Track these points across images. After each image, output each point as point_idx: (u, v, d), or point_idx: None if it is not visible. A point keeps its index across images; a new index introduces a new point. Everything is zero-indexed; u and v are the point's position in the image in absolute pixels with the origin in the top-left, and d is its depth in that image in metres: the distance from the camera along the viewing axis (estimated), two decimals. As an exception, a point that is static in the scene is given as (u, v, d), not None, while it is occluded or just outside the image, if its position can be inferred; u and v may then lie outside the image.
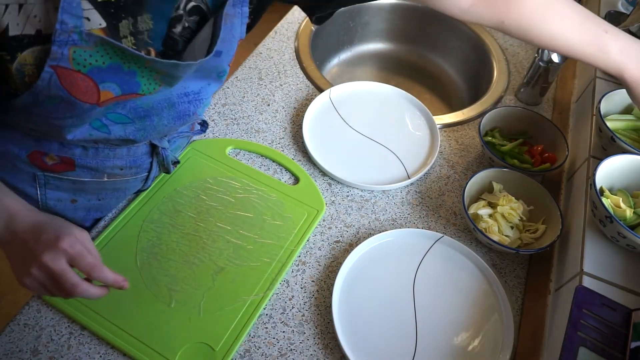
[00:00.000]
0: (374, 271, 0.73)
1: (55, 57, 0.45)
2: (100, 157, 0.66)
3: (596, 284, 0.63)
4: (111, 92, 0.51)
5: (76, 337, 0.64)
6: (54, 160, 0.64)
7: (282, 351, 0.65)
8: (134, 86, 0.53)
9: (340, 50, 1.27)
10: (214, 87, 0.67)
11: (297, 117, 0.95)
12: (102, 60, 0.48)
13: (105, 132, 0.60)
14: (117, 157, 0.67)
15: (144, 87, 0.54)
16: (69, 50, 0.46)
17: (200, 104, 0.66)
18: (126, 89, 0.52)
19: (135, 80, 0.52)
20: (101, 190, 0.71)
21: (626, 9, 1.09)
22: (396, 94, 1.00)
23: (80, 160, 0.65)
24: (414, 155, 0.90)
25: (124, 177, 0.71)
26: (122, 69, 0.50)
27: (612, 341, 0.55)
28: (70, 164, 0.65)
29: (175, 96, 0.62)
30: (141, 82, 0.53)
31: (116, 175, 0.70)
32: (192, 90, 0.64)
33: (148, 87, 0.54)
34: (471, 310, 0.70)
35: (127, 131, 0.61)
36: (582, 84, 1.01)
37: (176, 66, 0.53)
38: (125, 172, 0.70)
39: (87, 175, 0.67)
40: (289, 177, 0.85)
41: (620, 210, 0.67)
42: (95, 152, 0.65)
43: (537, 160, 0.86)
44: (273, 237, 0.75)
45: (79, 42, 0.46)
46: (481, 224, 0.77)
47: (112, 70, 0.50)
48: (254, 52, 1.07)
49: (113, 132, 0.60)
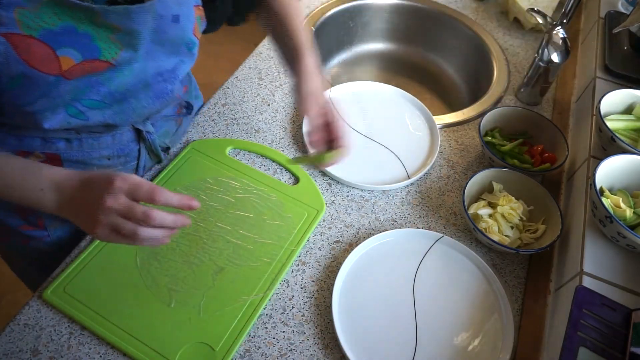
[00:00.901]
0: (374, 271, 0.73)
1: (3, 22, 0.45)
2: (85, 148, 0.65)
3: (596, 284, 0.63)
4: (71, 59, 0.51)
5: (76, 337, 0.64)
6: (39, 158, 0.64)
7: (282, 351, 0.65)
8: (93, 51, 0.52)
9: (340, 50, 1.27)
10: (188, 64, 0.67)
11: (297, 117, 0.95)
12: (52, 22, 0.48)
13: (83, 118, 0.59)
14: (103, 146, 0.67)
15: (105, 51, 0.53)
16: (14, 12, 0.45)
17: (175, 81, 0.66)
18: (86, 54, 0.52)
19: (93, 44, 0.52)
20: None
21: (626, 9, 1.09)
22: (396, 94, 1.00)
23: (65, 155, 0.65)
24: (414, 155, 0.90)
25: (114, 168, 0.71)
26: (76, 30, 0.50)
27: (612, 341, 0.55)
28: (56, 160, 0.65)
29: (150, 76, 0.62)
30: (100, 46, 0.52)
31: (105, 166, 0.69)
32: (166, 69, 0.64)
33: (109, 51, 0.54)
34: (471, 310, 0.70)
35: (105, 115, 0.61)
36: (582, 84, 1.01)
37: (127, 14, 0.52)
38: (113, 162, 0.70)
39: (75, 169, 0.67)
40: (289, 177, 0.85)
41: (620, 210, 0.67)
42: (79, 143, 0.64)
43: (537, 160, 0.86)
44: (273, 237, 0.75)
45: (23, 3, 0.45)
46: (481, 224, 0.77)
47: (65, 33, 0.49)
48: (254, 52, 1.07)
49: (91, 117, 0.60)
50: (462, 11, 1.23)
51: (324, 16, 1.17)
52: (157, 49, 0.61)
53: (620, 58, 0.95)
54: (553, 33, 0.92)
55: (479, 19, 1.22)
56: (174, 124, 0.82)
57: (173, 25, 0.58)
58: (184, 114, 0.83)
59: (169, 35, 0.60)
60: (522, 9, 1.16)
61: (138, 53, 0.58)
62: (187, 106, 0.82)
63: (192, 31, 0.63)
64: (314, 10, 1.18)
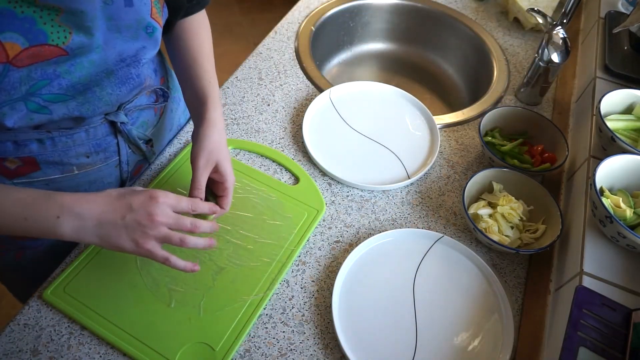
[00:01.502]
0: (374, 271, 0.73)
1: None
2: (60, 147, 0.64)
3: (596, 284, 0.63)
4: (17, 44, 0.50)
5: (76, 337, 0.64)
6: (15, 164, 0.63)
7: (282, 351, 0.65)
8: (39, 35, 0.51)
9: (340, 50, 1.27)
10: (151, 49, 0.65)
11: (297, 117, 0.95)
12: None
13: (47, 113, 0.58)
14: (77, 143, 0.66)
15: (53, 35, 0.52)
16: None
17: (139, 65, 0.65)
18: (32, 39, 0.51)
19: (37, 28, 0.50)
20: (78, 186, 0.70)
21: (626, 9, 1.09)
22: (396, 94, 1.00)
23: (41, 157, 0.64)
24: (414, 155, 0.90)
25: (95, 166, 0.70)
26: (16, 15, 0.48)
27: (612, 341, 0.55)
28: (32, 164, 0.64)
29: (112, 63, 0.61)
30: (46, 30, 0.51)
31: (85, 165, 0.68)
32: (128, 55, 0.62)
33: (58, 35, 0.52)
34: (471, 310, 0.70)
35: (70, 108, 0.60)
36: (582, 84, 1.01)
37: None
38: (93, 160, 0.69)
39: (55, 171, 0.66)
40: (289, 177, 0.85)
41: (620, 210, 0.67)
42: (52, 143, 0.63)
43: (537, 160, 0.87)
44: (273, 237, 0.75)
45: None
46: (481, 224, 0.77)
47: (5, 18, 0.48)
48: (254, 52, 1.07)
49: (54, 111, 0.59)
50: (462, 11, 1.23)
51: (324, 16, 1.17)
52: (116, 36, 0.59)
53: (620, 58, 0.95)
54: (553, 33, 0.92)
55: (479, 19, 1.22)
56: (152, 113, 0.80)
57: (126, 9, 0.57)
58: (161, 102, 0.80)
59: (124, 20, 0.58)
60: (522, 9, 1.16)
61: (94, 39, 0.57)
62: (163, 94, 0.80)
63: (149, 14, 0.61)
64: (314, 10, 1.18)
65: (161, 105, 0.82)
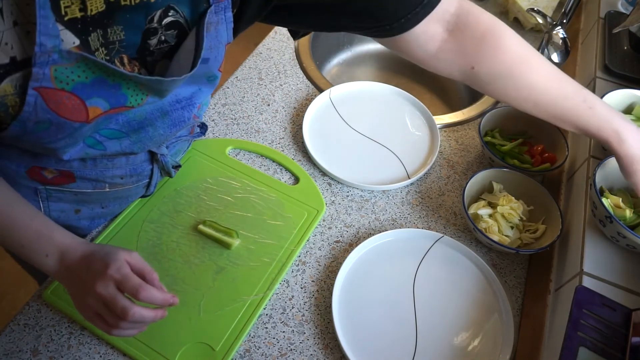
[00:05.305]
0: (374, 271, 0.73)
1: (37, 78, 0.44)
2: (99, 168, 0.65)
3: (596, 284, 0.63)
4: (99, 108, 0.51)
5: (76, 337, 0.64)
6: (53, 174, 0.63)
7: (282, 351, 0.65)
8: (121, 99, 0.52)
9: (340, 50, 1.27)
10: (206, 92, 0.66)
11: (297, 117, 0.95)
12: (85, 75, 0.47)
13: (101, 149, 0.59)
14: (116, 166, 0.67)
15: (131, 98, 0.53)
16: (50, 69, 0.45)
17: (193, 108, 0.65)
18: (114, 102, 0.52)
19: (121, 93, 0.52)
20: (104, 200, 0.71)
21: (626, 9, 1.09)
22: (396, 94, 1.00)
23: (79, 172, 0.64)
24: (414, 155, 0.90)
25: (126, 186, 0.71)
26: (107, 82, 0.49)
27: (612, 341, 0.55)
28: (70, 177, 0.65)
29: (168, 104, 0.62)
30: (127, 94, 0.52)
31: (117, 184, 0.69)
32: (184, 97, 0.63)
33: (135, 98, 0.53)
34: (471, 310, 0.70)
35: (123, 145, 0.61)
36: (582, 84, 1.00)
37: (159, 82, 0.53)
38: (126, 181, 0.70)
39: (88, 186, 0.67)
40: (289, 177, 0.85)
41: (620, 210, 0.67)
42: (93, 163, 0.64)
43: (537, 160, 0.86)
44: (273, 237, 0.75)
45: (60, 61, 0.45)
46: (481, 224, 0.77)
47: (97, 85, 0.49)
48: (254, 52, 1.07)
49: (109, 147, 0.60)
50: (462, 11, 1.23)
51: (324, 16, 1.16)
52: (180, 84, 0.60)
53: (620, 58, 0.95)
54: (553, 33, 0.92)
55: (479, 19, 1.22)
56: (187, 143, 0.83)
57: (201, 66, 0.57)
58: (198, 134, 0.83)
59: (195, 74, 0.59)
60: (522, 8, 1.16)
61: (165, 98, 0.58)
62: (201, 126, 0.82)
63: (218, 68, 0.62)
64: (314, 10, 1.17)
65: (199, 137, 0.84)
